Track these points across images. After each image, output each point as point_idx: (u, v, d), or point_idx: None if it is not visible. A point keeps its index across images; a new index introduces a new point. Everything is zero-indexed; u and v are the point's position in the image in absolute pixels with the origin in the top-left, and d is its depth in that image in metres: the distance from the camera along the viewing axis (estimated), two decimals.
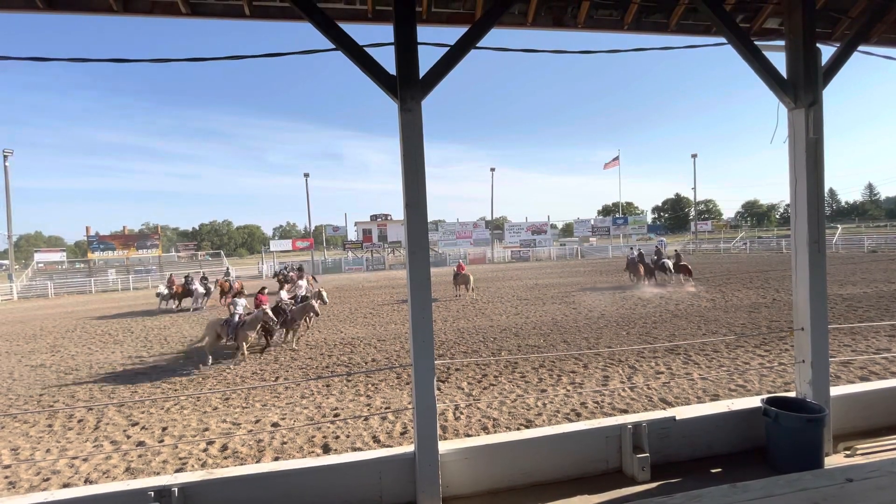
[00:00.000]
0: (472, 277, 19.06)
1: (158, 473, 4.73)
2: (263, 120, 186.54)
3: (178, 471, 4.76)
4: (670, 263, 18.31)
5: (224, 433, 5.72)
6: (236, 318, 9.88)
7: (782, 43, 3.77)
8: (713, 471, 3.55)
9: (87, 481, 4.67)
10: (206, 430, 5.87)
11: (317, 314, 11.21)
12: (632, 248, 23.51)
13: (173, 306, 18.97)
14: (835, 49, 3.77)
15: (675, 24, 3.87)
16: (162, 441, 5.58)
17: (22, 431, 6.14)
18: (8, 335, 14.79)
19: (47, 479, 4.75)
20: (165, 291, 19.02)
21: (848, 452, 3.66)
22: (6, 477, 4.86)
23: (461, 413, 5.95)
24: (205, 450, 5.28)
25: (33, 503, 2.86)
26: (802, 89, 3.56)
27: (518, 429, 5.25)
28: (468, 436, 5.19)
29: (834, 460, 3.59)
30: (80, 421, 6.39)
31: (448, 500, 3.26)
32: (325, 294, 12.67)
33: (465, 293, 18.56)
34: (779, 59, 3.71)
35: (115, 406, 6.91)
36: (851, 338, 8.46)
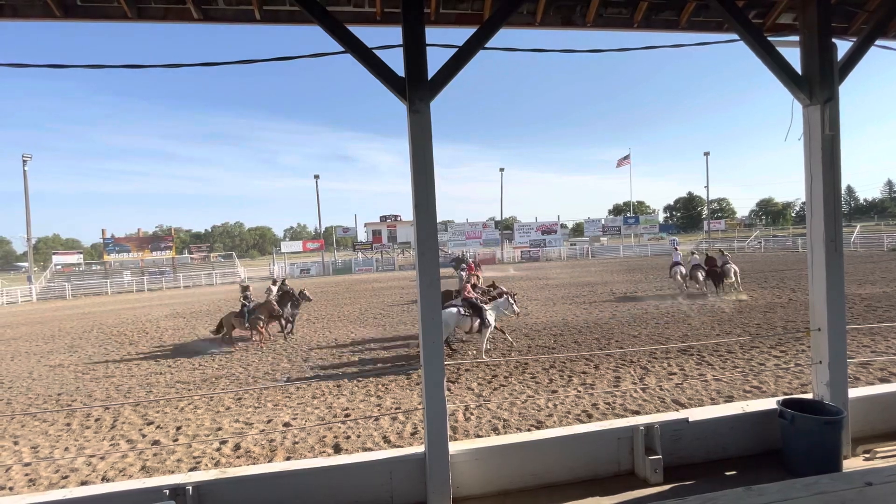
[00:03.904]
0: (481, 278, 19.03)
1: (173, 472, 4.80)
2: (276, 123, 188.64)
3: (192, 469, 4.83)
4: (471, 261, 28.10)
5: (237, 433, 5.78)
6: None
7: (797, 38, 3.71)
8: (727, 473, 3.50)
9: (105, 479, 4.75)
10: (220, 429, 5.94)
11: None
12: (462, 251, 36.95)
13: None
14: (851, 44, 3.69)
15: (686, 21, 3.82)
16: (176, 440, 5.66)
17: (41, 430, 6.28)
18: (28, 336, 15.15)
19: (66, 477, 4.85)
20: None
21: (867, 455, 3.58)
22: (26, 474, 4.98)
23: (471, 414, 5.94)
24: (218, 449, 5.35)
25: (53, 500, 2.92)
26: (818, 85, 3.49)
27: (528, 430, 5.23)
28: (478, 436, 5.18)
29: (853, 464, 3.51)
30: (97, 420, 6.52)
31: (459, 501, 3.26)
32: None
33: None
34: (793, 55, 3.65)
35: (130, 405, 7.03)
36: (871, 338, 8.27)
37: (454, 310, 8.67)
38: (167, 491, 2.92)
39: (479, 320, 8.68)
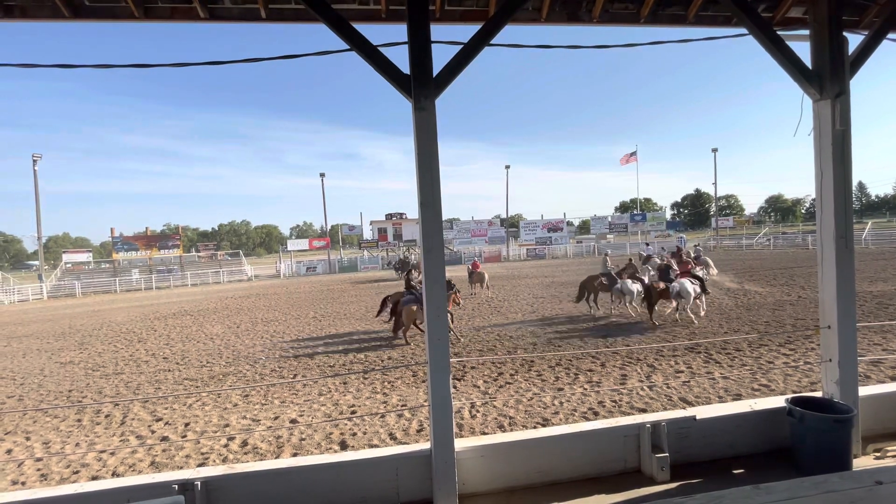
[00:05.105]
0: (487, 275, 19.05)
1: (182, 467, 4.85)
2: (282, 121, 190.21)
3: (200, 465, 4.88)
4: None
5: (244, 429, 5.83)
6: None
7: (807, 32, 3.66)
8: (735, 472, 3.48)
9: (115, 474, 4.82)
10: (227, 426, 5.99)
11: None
12: (405, 254, 37.41)
13: None
14: (862, 37, 3.64)
15: (694, 15, 3.78)
16: (185, 436, 5.72)
17: (53, 426, 6.37)
18: (39, 333, 15.36)
19: (77, 472, 4.92)
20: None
21: (877, 454, 3.54)
22: (38, 469, 5.05)
23: (477, 411, 5.95)
24: (226, 445, 5.40)
25: (64, 494, 2.96)
26: (828, 80, 3.45)
27: (534, 427, 5.23)
28: (484, 434, 5.19)
29: (862, 462, 3.48)
30: (107, 416, 6.60)
31: (464, 498, 3.27)
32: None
33: (480, 291, 18.54)
34: (803, 49, 3.60)
35: (140, 402, 7.11)
36: (882, 336, 8.17)
37: (688, 281, 10.35)
38: (176, 486, 2.95)
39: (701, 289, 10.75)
